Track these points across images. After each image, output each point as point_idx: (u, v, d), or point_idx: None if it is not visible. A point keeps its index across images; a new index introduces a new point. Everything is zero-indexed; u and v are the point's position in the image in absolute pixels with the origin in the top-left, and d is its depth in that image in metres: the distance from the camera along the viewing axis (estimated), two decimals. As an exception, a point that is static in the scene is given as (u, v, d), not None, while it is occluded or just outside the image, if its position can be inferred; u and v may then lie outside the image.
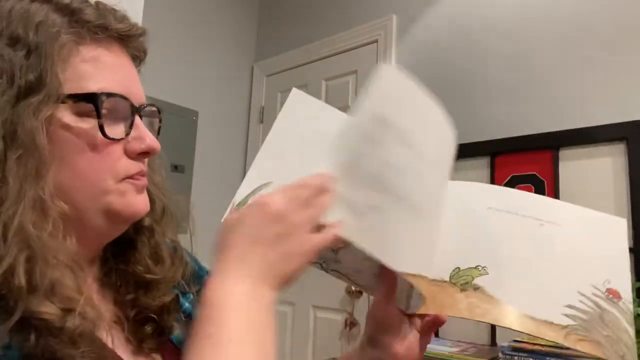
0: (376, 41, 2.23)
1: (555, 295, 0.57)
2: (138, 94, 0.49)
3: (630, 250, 1.42)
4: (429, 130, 0.60)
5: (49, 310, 0.39)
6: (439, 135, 0.61)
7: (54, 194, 0.42)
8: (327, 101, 2.41)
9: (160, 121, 0.55)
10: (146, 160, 0.51)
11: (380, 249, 0.51)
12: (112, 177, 0.46)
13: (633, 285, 0.57)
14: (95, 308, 0.43)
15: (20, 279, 0.38)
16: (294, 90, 0.63)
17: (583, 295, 0.56)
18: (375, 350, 0.59)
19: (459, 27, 1.94)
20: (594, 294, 0.57)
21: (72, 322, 0.39)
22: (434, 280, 0.59)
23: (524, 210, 0.63)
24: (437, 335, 1.66)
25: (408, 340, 0.59)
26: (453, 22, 1.97)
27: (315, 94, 2.48)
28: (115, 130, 0.46)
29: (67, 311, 0.40)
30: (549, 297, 0.57)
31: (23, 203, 0.40)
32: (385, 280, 0.58)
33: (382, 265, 0.53)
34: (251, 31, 2.83)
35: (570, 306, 0.56)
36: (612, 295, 0.56)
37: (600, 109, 1.55)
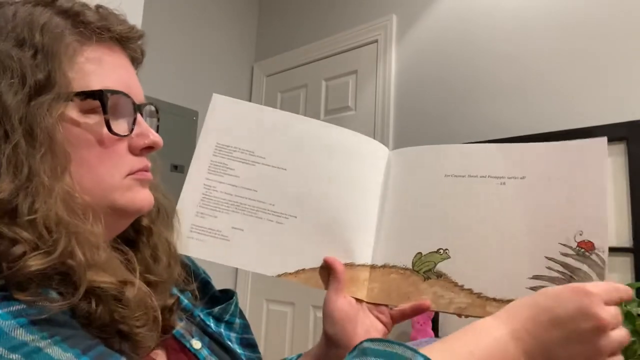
0: (376, 41, 2.23)
1: (521, 268, 0.54)
2: (138, 93, 0.51)
3: (630, 250, 1.43)
4: (276, 138, 0.62)
5: (108, 279, 0.42)
6: (291, 136, 0.62)
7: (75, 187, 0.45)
8: (327, 101, 2.42)
9: (158, 120, 0.56)
10: (148, 158, 0.52)
11: (251, 262, 0.58)
12: (118, 173, 0.48)
13: (633, 285, 0.56)
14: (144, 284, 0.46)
15: (80, 256, 0.41)
16: (215, 95, 0.65)
17: (551, 259, 0.53)
18: (334, 349, 0.60)
19: (459, 27, 1.95)
20: (563, 254, 0.53)
21: (131, 291, 0.43)
22: (394, 267, 0.60)
23: (483, 169, 0.59)
24: (437, 335, 1.66)
25: (367, 332, 0.59)
26: (453, 22, 1.97)
27: (315, 94, 2.48)
28: (119, 127, 0.48)
29: (124, 283, 0.43)
30: (513, 271, 0.54)
31: (54, 196, 0.42)
32: (332, 275, 0.59)
33: (326, 261, 0.58)
34: (251, 31, 2.83)
35: (536, 277, 0.53)
36: (585, 248, 0.53)
37: (600, 109, 1.55)
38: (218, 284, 0.64)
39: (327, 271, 0.60)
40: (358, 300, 0.60)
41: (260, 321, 2.46)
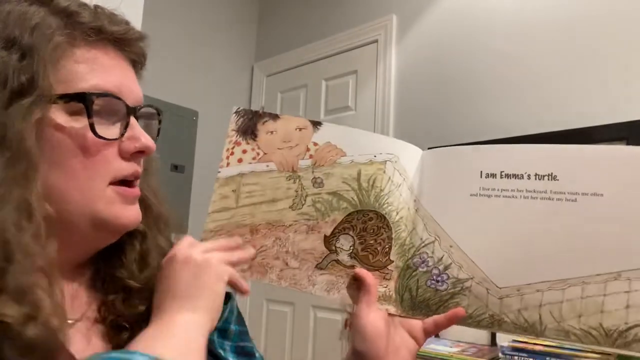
0: (376, 41, 2.23)
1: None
2: (134, 96, 0.49)
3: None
4: None
5: (11, 312, 0.38)
6: None
7: (41, 197, 0.42)
8: (327, 101, 2.42)
9: (160, 122, 0.54)
10: (141, 162, 0.50)
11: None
12: (102, 180, 0.46)
13: None
14: (61, 317, 0.41)
15: None
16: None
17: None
18: None
19: (459, 26, 1.95)
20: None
21: (32, 330, 0.38)
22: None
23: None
24: (437, 335, 1.66)
25: (396, 349, 0.56)
26: (453, 22, 1.97)
27: (315, 94, 2.48)
28: (109, 130, 0.46)
29: (30, 317, 0.39)
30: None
31: (8, 205, 0.40)
32: (363, 288, 0.56)
33: (357, 273, 0.58)
34: (251, 31, 2.83)
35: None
36: None
37: (600, 109, 1.55)
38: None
39: (356, 284, 0.57)
40: (390, 314, 0.58)
41: (260, 321, 2.46)
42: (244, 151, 0.61)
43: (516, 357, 1.24)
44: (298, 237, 0.58)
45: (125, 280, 0.51)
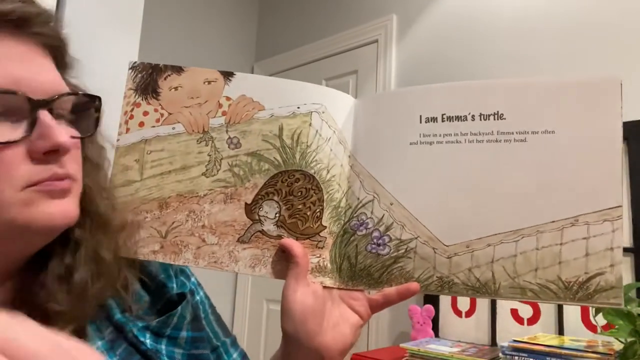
0: (376, 41, 2.23)
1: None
2: (45, 87, 0.42)
3: (630, 250, 1.43)
4: None
5: None
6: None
7: None
8: (327, 101, 2.42)
9: (97, 110, 0.45)
10: (64, 160, 0.42)
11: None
12: (10, 187, 0.40)
13: (633, 285, 0.54)
14: None
15: None
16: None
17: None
18: (296, 349, 0.49)
19: (459, 26, 1.95)
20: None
21: None
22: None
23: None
24: (437, 335, 1.66)
25: (335, 325, 0.50)
26: (453, 22, 1.97)
27: (316, 94, 2.48)
28: (9, 132, 0.40)
29: None
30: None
31: None
32: (291, 260, 0.49)
33: (282, 244, 0.51)
34: (251, 31, 2.84)
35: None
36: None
37: (600, 109, 1.55)
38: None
39: (285, 256, 0.50)
40: (326, 287, 0.50)
41: (260, 321, 2.46)
42: (145, 113, 0.52)
43: (516, 357, 1.24)
44: (215, 208, 0.51)
45: (43, 305, 0.43)
